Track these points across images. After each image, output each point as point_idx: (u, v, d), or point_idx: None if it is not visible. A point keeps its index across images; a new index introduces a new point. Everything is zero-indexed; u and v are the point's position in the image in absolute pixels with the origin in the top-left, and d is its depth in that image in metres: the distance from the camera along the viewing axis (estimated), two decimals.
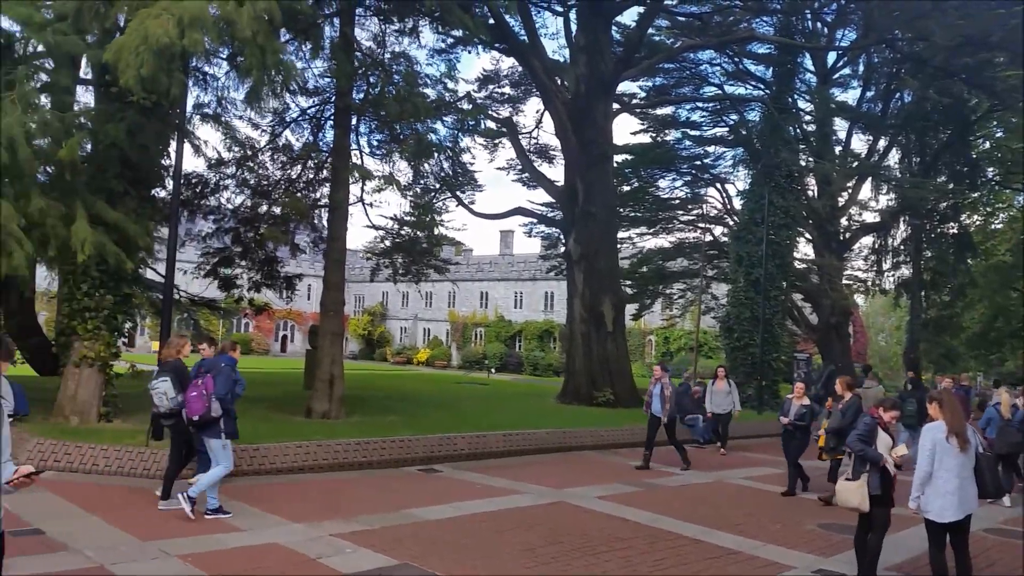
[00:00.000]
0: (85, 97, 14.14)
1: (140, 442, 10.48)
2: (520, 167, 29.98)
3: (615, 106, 26.65)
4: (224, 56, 12.72)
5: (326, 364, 15.26)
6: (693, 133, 31.88)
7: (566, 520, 8.97)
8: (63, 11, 10.23)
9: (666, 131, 32.60)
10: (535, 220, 30.52)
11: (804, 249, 32.41)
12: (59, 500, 8.31)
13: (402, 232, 20.37)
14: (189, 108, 13.29)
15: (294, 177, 19.05)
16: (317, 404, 14.87)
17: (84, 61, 12.53)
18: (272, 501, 9.00)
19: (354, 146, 16.64)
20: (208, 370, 8.38)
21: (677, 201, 33.42)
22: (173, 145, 12.07)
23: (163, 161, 12.58)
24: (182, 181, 13.93)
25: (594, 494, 10.61)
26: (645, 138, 32.53)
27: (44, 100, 11.04)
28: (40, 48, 11.07)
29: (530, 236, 34.70)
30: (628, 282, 31.76)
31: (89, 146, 11.60)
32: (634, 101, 30.96)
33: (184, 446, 8.81)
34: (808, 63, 30.92)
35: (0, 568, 3.56)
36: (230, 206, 18.93)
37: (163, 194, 13.68)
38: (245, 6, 8.78)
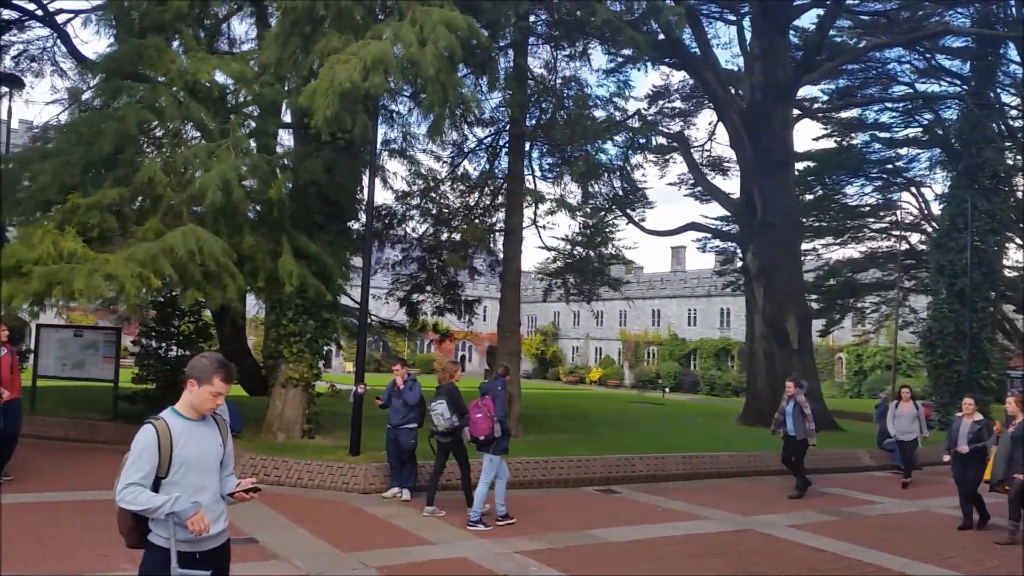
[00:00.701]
0: (286, 140, 15.51)
1: (339, 457, 11.21)
2: (692, 181, 29.35)
3: (795, 112, 25.47)
4: (408, 94, 13.52)
5: None
6: (883, 135, 29.78)
7: (756, 548, 8.59)
8: (267, 63, 11.31)
9: (852, 135, 30.67)
10: (709, 235, 29.71)
11: (1015, 256, 29.29)
12: (269, 511, 8.98)
13: (574, 252, 20.55)
14: (378, 144, 14.18)
15: (472, 204, 19.79)
16: None
17: (285, 107, 13.74)
18: (461, 516, 9.30)
19: (527, 171, 17.05)
20: (486, 393, 9.28)
21: (867, 208, 31.32)
22: (365, 180, 12.94)
23: (356, 195, 13.54)
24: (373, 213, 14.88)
25: (785, 522, 10.09)
26: (829, 143, 30.81)
27: (252, 145, 12.24)
28: (248, 98, 12.32)
29: (704, 251, 33.82)
30: (813, 296, 30.09)
31: (290, 185, 12.69)
32: (815, 105, 29.42)
33: (441, 462, 9.65)
34: (1012, 53, 27.99)
35: (228, 572, 3.91)
36: (415, 235, 19.99)
37: (356, 226, 14.67)
38: (428, 46, 9.29)
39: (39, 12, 17.41)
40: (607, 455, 13.10)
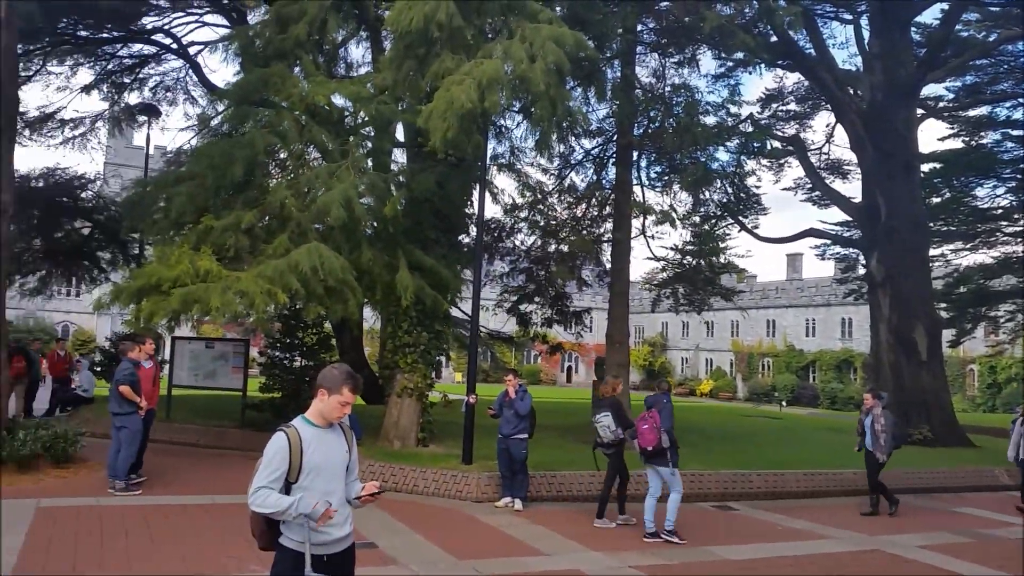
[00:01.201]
0: (398, 158, 16.01)
1: (453, 466, 11.43)
2: (810, 186, 28.31)
3: (919, 111, 24.19)
4: (516, 109, 13.73)
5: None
6: (1016, 133, 27.81)
7: (883, 570, 8.18)
8: (382, 85, 11.75)
9: (981, 133, 28.80)
10: (828, 241, 28.53)
11: None
12: (387, 517, 9.25)
13: (684, 262, 20.21)
14: (488, 160, 14.45)
15: (579, 215, 19.84)
16: None
17: (399, 126, 14.19)
18: (573, 528, 9.30)
19: (635, 180, 16.94)
20: (652, 406, 9.38)
21: (999, 211, 29.27)
22: (475, 194, 13.21)
23: (466, 210, 13.84)
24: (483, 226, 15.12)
25: (915, 543, 9.55)
26: (956, 143, 29.06)
27: (368, 164, 12.71)
28: (364, 118, 12.81)
29: (823, 259, 32.43)
30: (943, 304, 28.37)
31: (404, 201, 13.09)
32: (941, 104, 27.83)
33: (618, 473, 9.80)
34: None
35: (352, 575, 4.05)
36: (523, 247, 20.20)
37: (466, 239, 14.99)
38: (537, 62, 9.42)
39: (174, 45, 18.73)
40: (722, 470, 12.77)
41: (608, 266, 19.04)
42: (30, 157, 77.99)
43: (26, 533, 7.53)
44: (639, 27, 15.40)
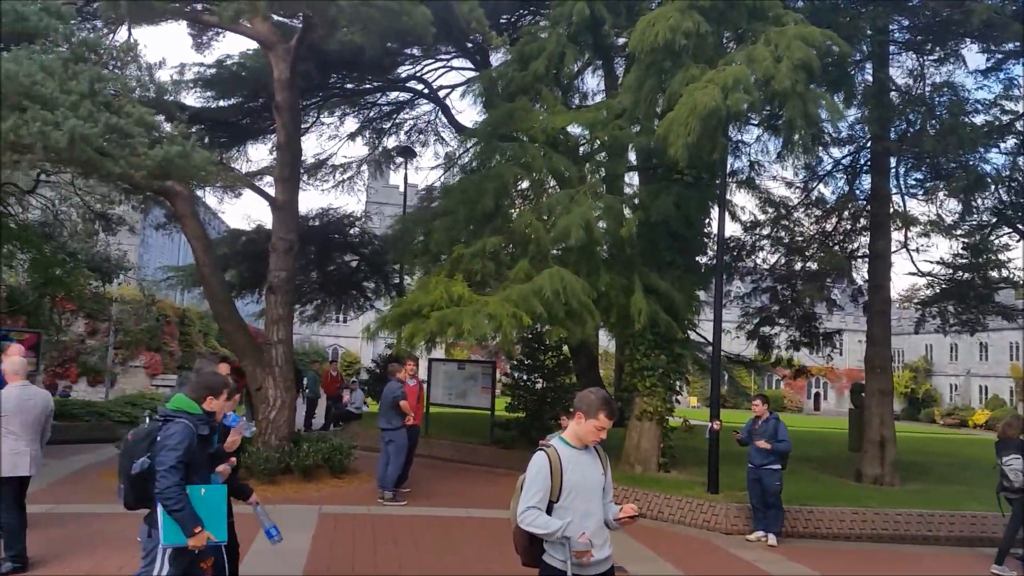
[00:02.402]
0: (632, 181, 16.05)
1: (698, 494, 11.11)
2: None
3: None
4: (756, 122, 13.25)
5: (875, 425, 14.27)
6: None
7: None
8: (617, 110, 11.89)
9: None
10: None
11: None
12: (634, 542, 9.16)
13: (954, 276, 18.13)
14: (726, 176, 14.04)
15: (829, 230, 18.57)
16: (868, 468, 13.95)
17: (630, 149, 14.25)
18: (834, 567, 8.65)
19: (893, 189, 15.57)
20: None
21: None
22: (713, 213, 12.89)
23: (704, 229, 13.54)
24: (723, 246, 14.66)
25: None
26: None
27: (603, 188, 12.89)
28: (598, 144, 13.06)
29: None
30: None
31: (638, 223, 13.09)
32: None
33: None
34: None
35: None
36: (765, 266, 19.30)
37: (704, 260, 14.63)
38: (783, 61, 9.05)
39: (425, 91, 20.34)
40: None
41: (863, 284, 17.61)
42: (307, 200, 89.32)
43: (312, 536, 8.44)
44: (891, 27, 14.24)
